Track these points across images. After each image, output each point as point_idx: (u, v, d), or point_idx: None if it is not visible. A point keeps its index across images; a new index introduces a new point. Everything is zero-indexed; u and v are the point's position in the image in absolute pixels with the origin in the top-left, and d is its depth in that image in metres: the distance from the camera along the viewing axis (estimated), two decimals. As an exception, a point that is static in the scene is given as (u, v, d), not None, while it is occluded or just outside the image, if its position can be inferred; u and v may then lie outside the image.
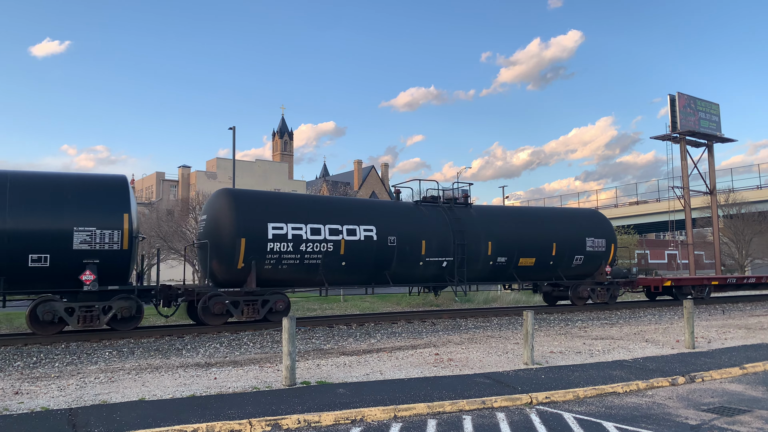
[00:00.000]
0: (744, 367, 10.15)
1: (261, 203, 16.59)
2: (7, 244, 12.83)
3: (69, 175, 14.73)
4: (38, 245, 13.07)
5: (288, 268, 16.28)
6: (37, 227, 13.19)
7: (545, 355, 11.32)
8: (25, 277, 13.15)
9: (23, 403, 7.62)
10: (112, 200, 14.12)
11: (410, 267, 18.49)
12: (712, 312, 21.66)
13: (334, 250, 16.79)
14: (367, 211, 18.28)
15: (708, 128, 49.66)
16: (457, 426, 6.79)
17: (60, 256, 13.25)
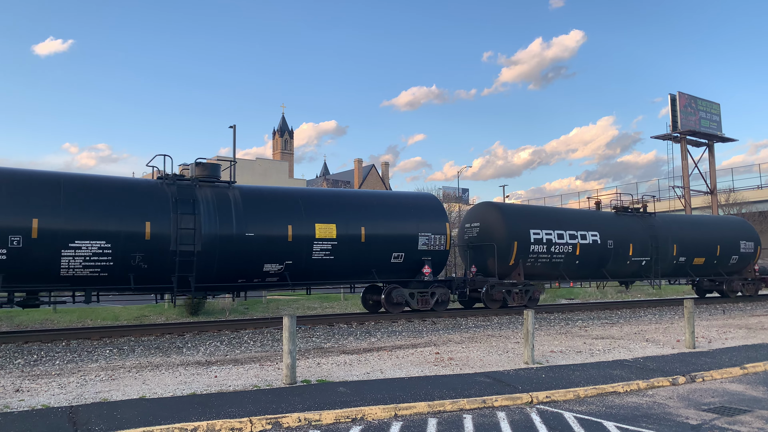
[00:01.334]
0: (744, 367, 10.15)
1: (523, 214, 21.42)
2: (380, 245, 17.49)
3: (408, 194, 20.92)
4: (398, 247, 17.81)
5: (540, 265, 20.75)
6: (397, 233, 17.94)
7: (546, 355, 11.32)
8: (387, 270, 17.93)
9: (24, 400, 7.62)
10: (438, 212, 19.13)
11: (621, 265, 22.91)
12: (712, 312, 21.65)
13: (572, 251, 21.36)
14: (592, 220, 22.78)
15: (709, 128, 49.66)
16: (457, 425, 6.79)
17: (410, 255, 17.99)
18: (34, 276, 13.31)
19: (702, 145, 50.88)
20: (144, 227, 14.19)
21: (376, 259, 17.50)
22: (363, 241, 17.13)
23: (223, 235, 15.17)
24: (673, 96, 47.84)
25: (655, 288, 27.04)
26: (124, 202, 14.30)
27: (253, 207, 15.95)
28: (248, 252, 15.52)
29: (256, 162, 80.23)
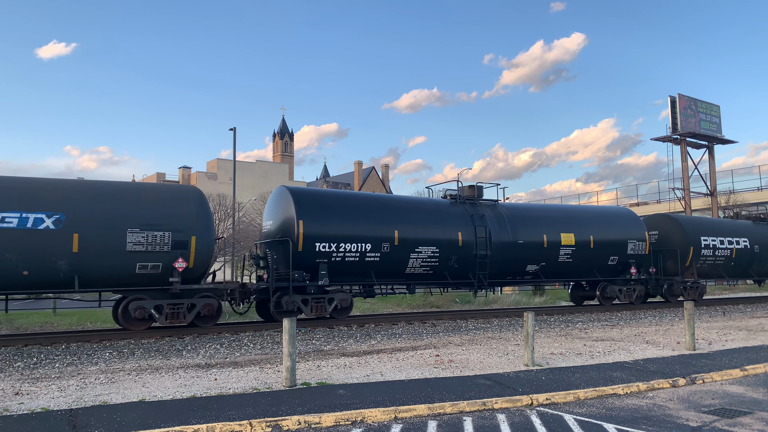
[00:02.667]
0: (745, 368, 10.14)
1: (695, 224, 25.95)
2: (603, 250, 22.15)
3: (613, 207, 26.58)
4: (614, 251, 22.43)
5: (707, 267, 25.10)
6: (614, 240, 22.50)
7: (546, 357, 11.31)
8: (605, 270, 22.60)
9: (23, 403, 7.62)
10: (638, 223, 23.66)
11: (762, 265, 27.13)
12: (712, 314, 21.64)
13: (730, 255, 25.72)
14: (743, 228, 27.15)
15: (708, 130, 49.66)
16: (457, 427, 6.79)
17: (621, 258, 22.70)
18: (390, 273, 18.07)
19: (702, 147, 50.89)
20: (457, 236, 19.01)
21: (599, 261, 22.30)
22: (592, 247, 21.85)
23: (503, 242, 19.97)
24: (672, 98, 47.85)
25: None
26: (444, 217, 19.27)
27: (517, 220, 20.61)
28: (518, 255, 20.31)
29: (257, 164, 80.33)
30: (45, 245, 13.13)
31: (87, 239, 13.45)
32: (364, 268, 17.40)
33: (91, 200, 13.97)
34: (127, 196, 14.54)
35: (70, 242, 13.32)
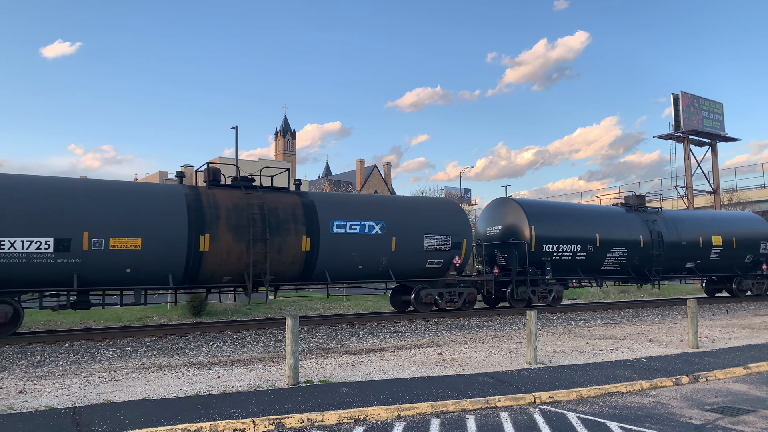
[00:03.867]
0: (748, 366, 10.13)
1: None
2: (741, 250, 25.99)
3: (742, 213, 30.39)
4: (749, 251, 26.27)
5: None
6: (749, 240, 26.21)
7: (548, 355, 11.30)
8: (741, 267, 26.48)
9: (27, 401, 7.64)
10: (764, 225, 27.22)
11: None
12: (715, 311, 21.60)
13: None
14: None
15: (711, 127, 49.50)
16: (460, 425, 6.79)
17: (755, 257, 26.44)
18: (591, 269, 22.17)
19: (705, 144, 50.74)
20: (639, 238, 22.88)
21: (738, 259, 26.09)
22: (734, 247, 25.61)
23: (670, 243, 23.75)
24: (675, 95, 47.70)
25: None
26: (628, 223, 23.12)
27: (678, 224, 24.46)
28: (680, 255, 24.21)
29: (258, 163, 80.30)
30: (374, 246, 17.40)
31: (400, 241, 17.78)
32: (573, 265, 21.65)
33: (401, 212, 18.39)
34: (422, 209, 19.27)
35: (390, 244, 17.65)
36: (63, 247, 13.36)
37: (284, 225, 16.06)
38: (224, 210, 15.42)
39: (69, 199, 13.81)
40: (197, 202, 15.24)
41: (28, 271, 13.15)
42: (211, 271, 15.27)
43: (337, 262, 16.88)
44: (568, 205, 25.77)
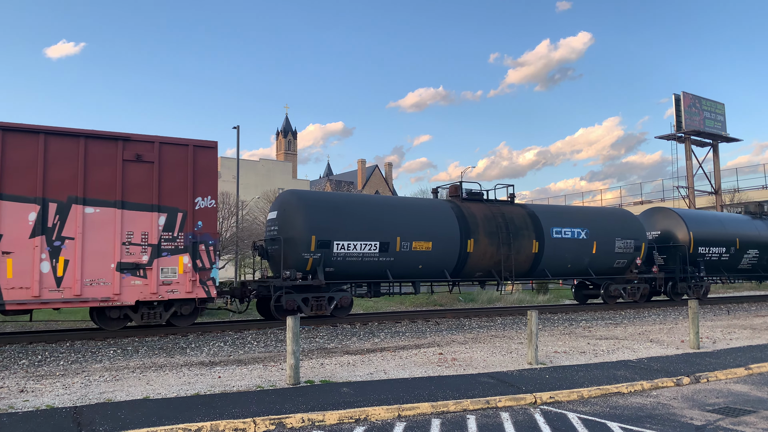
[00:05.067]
0: (749, 367, 10.11)
1: None
2: None
3: None
4: None
5: None
6: None
7: (549, 355, 11.30)
8: None
9: (28, 401, 7.65)
10: None
11: None
12: (717, 312, 21.58)
13: None
14: None
15: (713, 128, 49.45)
16: (461, 425, 6.79)
17: None
18: (730, 269, 26.26)
19: (706, 145, 50.70)
20: None
21: None
22: None
23: None
24: (677, 96, 47.66)
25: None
26: (758, 228, 27.14)
27: None
28: None
29: (260, 162, 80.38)
30: (581, 248, 21.51)
31: (599, 244, 21.87)
32: (718, 265, 25.55)
33: (598, 220, 22.52)
34: (612, 218, 23.16)
35: (591, 247, 21.77)
36: (384, 249, 17.44)
37: (520, 231, 20.31)
38: (480, 219, 19.69)
39: (388, 213, 18.13)
40: (461, 214, 19.42)
41: (362, 267, 17.29)
42: (472, 267, 19.58)
43: (554, 261, 21.05)
44: (714, 214, 30.32)
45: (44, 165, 12.77)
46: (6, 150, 12.48)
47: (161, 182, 13.91)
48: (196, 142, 14.46)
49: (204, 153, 14.52)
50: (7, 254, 12.32)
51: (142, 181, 13.72)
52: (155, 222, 13.79)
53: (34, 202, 12.66)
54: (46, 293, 12.63)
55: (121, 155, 13.52)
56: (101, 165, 13.35)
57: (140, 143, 13.81)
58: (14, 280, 12.33)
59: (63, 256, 12.82)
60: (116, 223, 13.37)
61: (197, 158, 14.38)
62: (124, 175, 13.53)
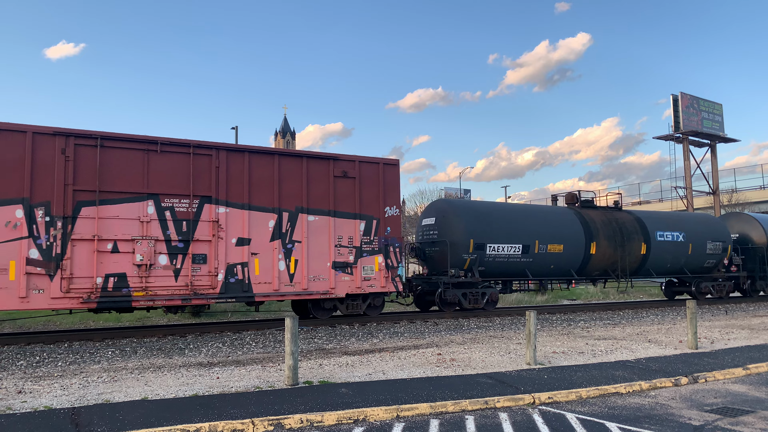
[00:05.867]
0: (747, 367, 10.13)
1: None
2: None
3: None
4: None
5: None
6: None
7: (548, 356, 11.30)
8: None
9: (26, 402, 7.63)
10: None
11: None
12: (715, 312, 21.61)
13: None
14: None
15: (711, 128, 49.50)
16: (459, 426, 6.79)
17: None
18: None
19: (704, 145, 50.76)
20: None
21: None
22: None
23: None
24: (675, 96, 47.69)
25: None
26: None
27: None
28: None
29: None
30: (679, 250, 24.37)
31: (694, 246, 24.74)
32: None
33: (692, 224, 25.24)
34: (702, 221, 26.21)
35: (687, 248, 24.65)
36: (525, 251, 20.05)
37: (631, 235, 23.08)
38: (599, 224, 22.35)
39: (527, 219, 20.74)
40: (583, 220, 22.08)
41: (507, 266, 19.99)
42: (592, 267, 22.25)
43: (657, 261, 23.84)
44: None
45: (279, 181, 15.36)
46: (252, 169, 15.05)
47: (361, 194, 16.58)
48: (385, 160, 17.32)
49: (390, 169, 17.24)
50: (255, 255, 14.83)
51: (347, 194, 16.36)
52: (357, 228, 16.44)
53: (273, 211, 15.22)
54: (283, 287, 15.21)
55: (332, 172, 16.23)
56: (318, 180, 15.97)
57: (345, 162, 16.51)
58: (260, 276, 14.88)
59: (294, 257, 15.41)
60: (330, 229, 15.98)
61: (385, 174, 17.07)
62: (335, 189, 16.17)
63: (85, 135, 13.41)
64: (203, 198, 14.39)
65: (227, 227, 14.58)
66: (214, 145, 14.71)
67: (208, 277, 14.23)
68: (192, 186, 14.25)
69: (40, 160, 12.82)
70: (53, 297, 12.66)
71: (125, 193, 13.57)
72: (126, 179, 13.62)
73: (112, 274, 13.24)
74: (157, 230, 13.79)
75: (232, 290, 14.50)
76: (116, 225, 13.42)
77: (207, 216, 14.39)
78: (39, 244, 12.67)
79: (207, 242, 14.31)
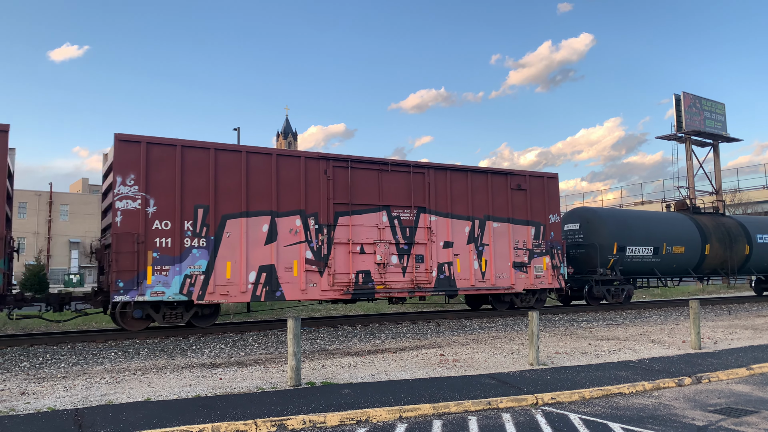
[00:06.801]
0: (751, 367, 10.10)
1: None
2: None
3: None
4: None
5: None
6: None
7: (551, 356, 11.29)
8: None
9: (30, 403, 7.64)
10: None
11: None
12: (718, 312, 21.56)
13: None
14: None
15: (713, 128, 49.40)
16: (462, 427, 6.78)
17: None
18: None
19: (707, 145, 50.68)
20: None
21: None
22: None
23: None
24: (677, 96, 47.61)
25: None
26: None
27: None
28: None
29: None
30: None
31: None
32: None
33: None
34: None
35: None
36: (655, 252, 23.20)
37: (737, 238, 26.14)
38: (711, 229, 25.34)
39: (656, 224, 23.86)
40: (698, 224, 25.10)
41: (639, 266, 23.04)
42: (705, 266, 25.18)
43: (757, 261, 26.97)
44: None
45: (471, 193, 18.58)
46: (452, 184, 18.31)
47: (531, 204, 19.65)
48: (548, 175, 20.48)
49: (552, 182, 20.46)
50: (456, 256, 18.05)
51: (520, 204, 19.48)
52: (529, 233, 19.55)
53: (467, 219, 18.42)
54: (477, 283, 18.43)
55: (508, 185, 19.36)
56: (498, 192, 19.13)
57: (518, 176, 19.77)
58: (461, 274, 18.12)
59: (484, 257, 18.59)
60: (509, 234, 19.13)
61: (548, 186, 20.22)
62: (512, 200, 19.29)
63: (339, 158, 16.65)
64: (419, 209, 17.65)
65: (437, 232, 17.85)
66: (426, 165, 18.16)
67: (425, 274, 17.55)
68: (412, 199, 17.56)
69: (311, 179, 16.05)
70: (323, 289, 15.96)
71: (367, 205, 16.84)
72: (367, 194, 16.86)
73: (361, 271, 16.55)
74: (389, 235, 17.06)
75: (441, 285, 17.79)
76: (362, 231, 16.70)
77: (422, 223, 17.67)
78: (312, 246, 15.88)
79: (423, 245, 17.59)
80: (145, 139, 14.12)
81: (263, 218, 15.30)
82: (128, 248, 13.66)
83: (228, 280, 14.74)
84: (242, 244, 14.95)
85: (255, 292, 15.00)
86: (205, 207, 14.63)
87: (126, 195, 13.84)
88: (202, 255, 14.50)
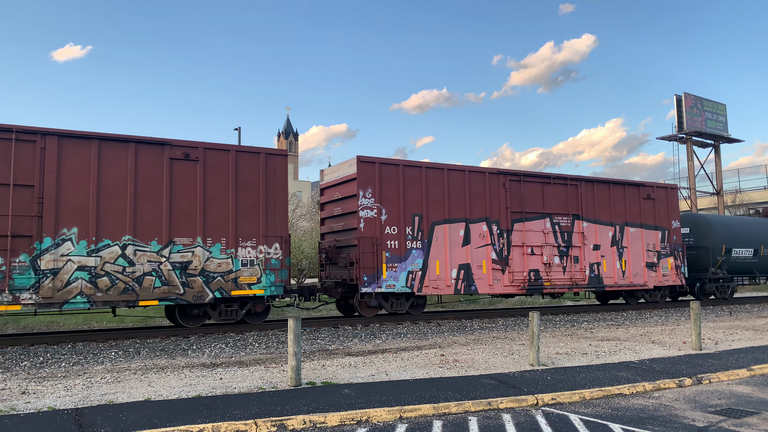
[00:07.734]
0: (751, 368, 10.09)
1: None
2: None
3: None
4: None
5: None
6: None
7: (551, 357, 11.28)
8: None
9: (30, 402, 7.65)
10: None
11: None
12: (719, 313, 21.54)
13: None
14: None
15: (715, 128, 49.35)
16: (462, 427, 6.78)
17: None
18: None
19: (708, 146, 50.63)
20: None
21: None
22: None
23: None
24: (678, 97, 47.57)
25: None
26: None
27: None
28: None
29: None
30: None
31: None
32: None
33: None
34: None
35: None
36: (755, 254, 26.45)
37: None
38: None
39: (755, 229, 27.19)
40: None
41: (740, 266, 26.14)
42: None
43: None
44: None
45: (612, 202, 21.66)
46: (597, 194, 21.28)
47: (658, 212, 22.78)
48: (669, 186, 23.79)
49: (672, 192, 23.72)
50: (603, 257, 21.03)
51: (649, 211, 22.57)
52: (657, 237, 22.64)
53: (611, 225, 21.47)
54: (619, 281, 21.48)
55: (640, 195, 22.48)
56: (632, 201, 22.18)
57: (648, 187, 22.90)
58: (607, 273, 21.14)
59: (624, 258, 21.60)
60: (642, 238, 22.16)
61: (670, 195, 23.44)
62: (643, 208, 22.40)
63: (513, 173, 19.69)
64: (574, 216, 20.56)
65: (587, 236, 20.76)
66: (579, 178, 20.94)
67: (580, 272, 20.45)
68: (569, 207, 20.48)
69: (493, 191, 18.97)
70: (505, 285, 18.83)
71: (534, 213, 19.74)
72: (534, 203, 19.77)
73: (532, 270, 19.41)
74: (551, 239, 19.96)
75: (592, 282, 20.75)
76: (532, 235, 19.59)
77: (576, 229, 20.58)
78: (495, 248, 18.79)
79: (578, 247, 20.47)
80: (378, 159, 17.29)
81: (460, 224, 18.29)
82: (370, 249, 16.62)
83: (437, 276, 17.73)
84: (446, 245, 17.92)
85: (456, 286, 17.93)
86: (420, 215, 17.65)
87: (366, 206, 16.84)
88: (419, 255, 17.50)
